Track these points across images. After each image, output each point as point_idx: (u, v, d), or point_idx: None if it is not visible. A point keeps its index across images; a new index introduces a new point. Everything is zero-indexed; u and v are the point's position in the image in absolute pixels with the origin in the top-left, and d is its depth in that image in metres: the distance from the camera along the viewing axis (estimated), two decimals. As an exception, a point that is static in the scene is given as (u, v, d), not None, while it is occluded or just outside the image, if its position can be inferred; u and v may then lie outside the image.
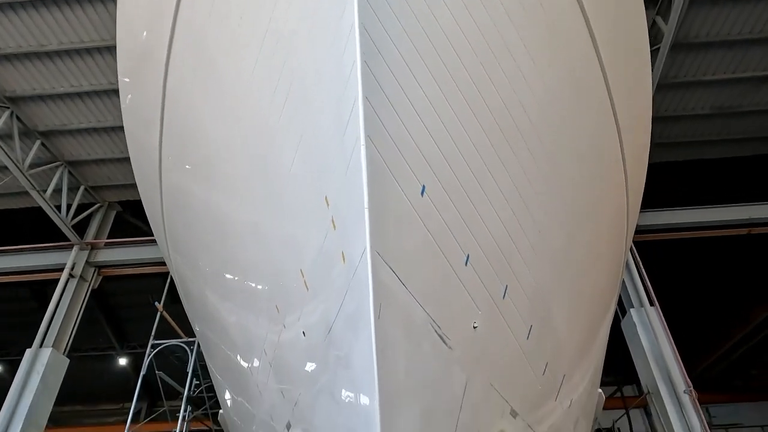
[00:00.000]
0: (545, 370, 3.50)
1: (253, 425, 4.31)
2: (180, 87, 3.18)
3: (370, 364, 1.68)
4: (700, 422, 7.25)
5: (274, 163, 2.47)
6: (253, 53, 2.36)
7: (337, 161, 1.89)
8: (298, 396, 2.81)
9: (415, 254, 1.99)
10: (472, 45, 2.09)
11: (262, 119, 2.49)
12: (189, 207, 3.81)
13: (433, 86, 1.94)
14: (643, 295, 8.45)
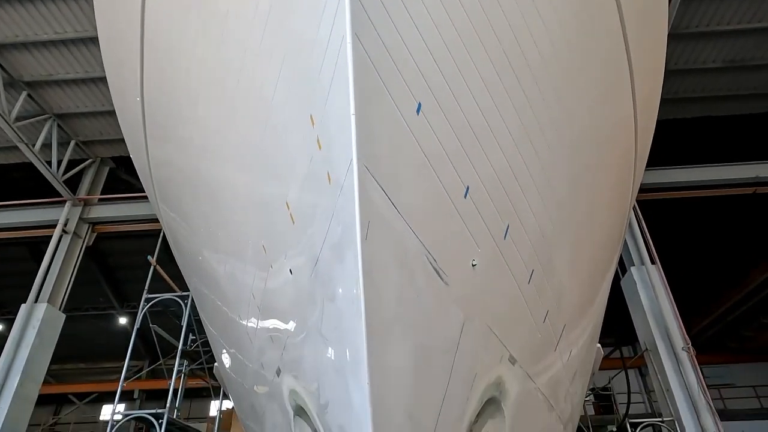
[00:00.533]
0: (546, 318, 3.37)
1: (245, 375, 4.22)
2: (157, 16, 2.95)
3: (356, 290, 1.51)
4: (697, 379, 7.25)
5: (258, 89, 2.26)
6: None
7: (323, 69, 1.67)
8: (287, 339, 2.68)
9: (408, 176, 1.79)
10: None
11: (244, 40, 2.26)
12: (172, 145, 3.62)
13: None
14: (644, 253, 8.32)
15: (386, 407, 1.65)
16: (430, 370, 1.99)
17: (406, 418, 1.80)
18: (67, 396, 22.77)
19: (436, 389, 2.03)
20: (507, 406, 3.03)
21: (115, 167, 11.49)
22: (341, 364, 1.79)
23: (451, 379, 2.15)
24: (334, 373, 1.91)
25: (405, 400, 1.77)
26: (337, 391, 1.96)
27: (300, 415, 3.04)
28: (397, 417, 1.73)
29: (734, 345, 19.08)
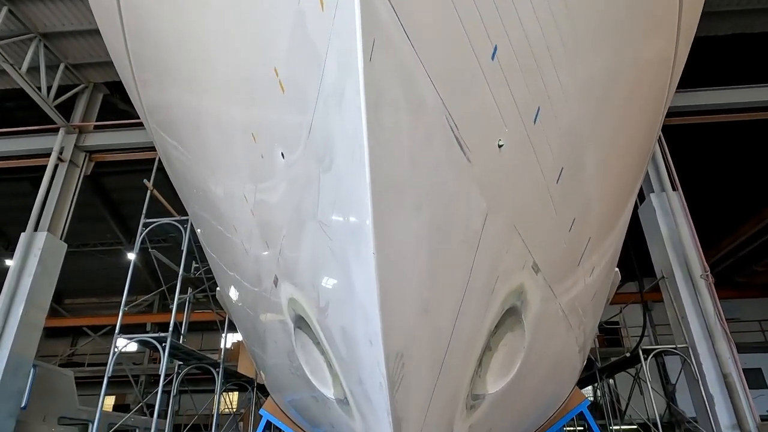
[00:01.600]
0: (572, 226, 3.05)
1: (244, 293, 4.00)
2: None
3: (357, 132, 1.15)
4: (714, 306, 7.03)
5: None
6: None
7: None
8: (282, 240, 2.37)
9: (425, 10, 1.38)
10: None
11: None
12: (154, 35, 3.18)
13: None
14: (665, 179, 7.90)
15: (396, 295, 1.34)
16: (449, 260, 1.66)
17: (421, 312, 1.49)
18: (81, 329, 23.38)
19: (455, 285, 1.71)
20: (527, 319, 2.78)
21: (109, 94, 10.97)
22: (341, 247, 1.46)
23: (471, 276, 1.83)
24: (334, 263, 1.59)
25: (418, 291, 1.46)
26: (337, 285, 1.65)
27: (300, 327, 2.80)
28: (409, 309, 1.42)
29: (743, 280, 18.98)
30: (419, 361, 1.55)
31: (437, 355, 1.67)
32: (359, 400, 1.94)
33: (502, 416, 3.41)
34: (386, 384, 1.45)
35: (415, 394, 1.59)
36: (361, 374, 1.69)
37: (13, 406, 8.04)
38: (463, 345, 1.91)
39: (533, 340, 2.94)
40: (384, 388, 1.47)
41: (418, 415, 1.64)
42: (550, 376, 4.23)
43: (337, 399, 2.73)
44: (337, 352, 2.04)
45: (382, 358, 1.41)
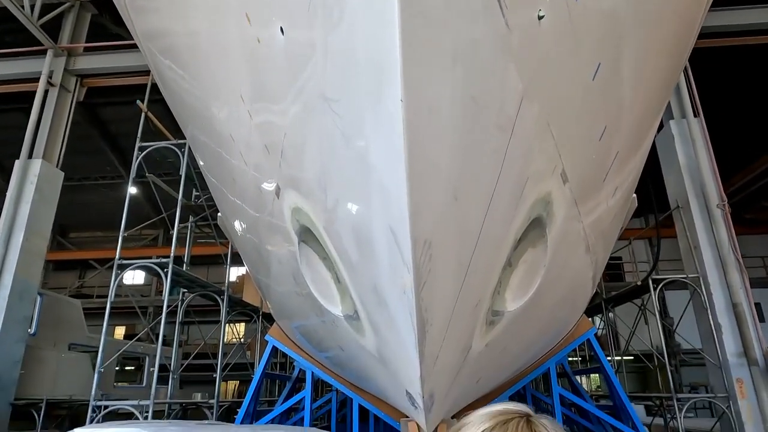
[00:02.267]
0: (602, 135, 2.81)
1: (245, 212, 3.79)
2: None
3: None
4: (729, 235, 6.85)
5: None
6: None
7: None
8: (284, 138, 2.10)
9: None
10: None
11: None
12: None
13: None
14: (687, 105, 7.48)
15: (426, 169, 1.09)
16: (482, 143, 1.41)
17: (451, 198, 1.25)
18: (88, 262, 23.66)
19: (487, 174, 1.47)
20: (550, 234, 2.59)
21: (98, 14, 10.31)
22: (354, 121, 1.20)
23: (503, 168, 1.58)
24: (345, 145, 1.34)
25: (449, 171, 1.21)
26: (349, 173, 1.41)
27: (305, 241, 2.60)
28: (439, 191, 1.18)
29: (750, 216, 18.82)
30: (447, 254, 1.33)
31: (466, 250, 1.46)
32: (372, 311, 1.76)
33: (517, 337, 3.30)
34: (412, 279, 1.23)
35: (443, 298, 1.38)
36: (377, 278, 1.48)
37: (21, 331, 8.13)
38: (491, 245, 1.69)
39: (553, 258, 2.77)
40: (408, 287, 1.25)
41: (444, 320, 1.44)
42: (564, 300, 4.11)
43: (345, 315, 2.58)
44: (347, 259, 1.83)
45: (408, 245, 1.18)
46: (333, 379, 6.24)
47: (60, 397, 9.01)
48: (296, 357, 6.38)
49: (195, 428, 3.78)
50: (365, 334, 2.21)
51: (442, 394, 1.83)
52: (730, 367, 6.52)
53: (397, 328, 1.47)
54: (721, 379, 6.69)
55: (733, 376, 6.45)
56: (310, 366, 6.26)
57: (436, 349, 1.49)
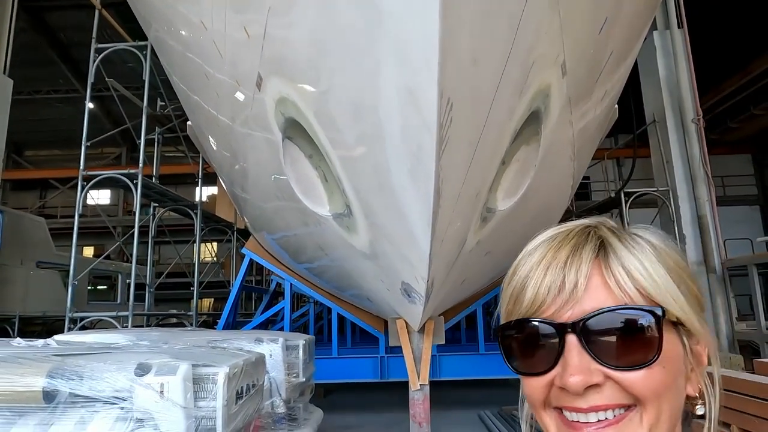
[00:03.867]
0: (602, 28, 2.69)
1: (219, 111, 3.56)
2: None
3: None
4: (701, 150, 6.98)
5: None
6: None
7: None
8: (266, 19, 1.89)
9: None
10: None
11: None
12: None
13: None
14: (672, 14, 7.28)
15: (454, 31, 0.96)
16: (499, 10, 1.26)
17: (472, 61, 1.13)
18: (48, 181, 22.78)
19: (502, 42, 1.34)
20: (544, 132, 2.53)
21: None
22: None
23: (515, 42, 1.46)
24: (360, 42, 1.17)
25: (472, 32, 1.08)
26: (351, 40, 1.26)
27: (290, 137, 2.46)
28: (463, 52, 1.06)
29: (714, 137, 19.21)
30: (466, 117, 1.24)
31: (480, 117, 1.36)
32: (371, 200, 1.68)
33: (501, 240, 3.33)
34: (435, 140, 1.14)
35: (457, 162, 1.30)
36: (383, 156, 1.38)
37: (-17, 248, 7.89)
38: (498, 122, 1.61)
39: (543, 159, 2.74)
40: (428, 151, 1.15)
41: (453, 197, 1.38)
42: (545, 206, 4.17)
43: (334, 215, 2.50)
44: (343, 145, 1.71)
45: (434, 103, 1.07)
46: (311, 290, 6.34)
47: (33, 313, 8.95)
48: (274, 269, 6.41)
49: (178, 333, 3.78)
50: (357, 231, 2.15)
51: (439, 284, 1.81)
52: (690, 275, 6.85)
53: (405, 207, 1.40)
54: (680, 286, 7.04)
55: (692, 283, 6.80)
56: (289, 278, 6.31)
57: (444, 228, 1.43)
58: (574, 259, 0.56)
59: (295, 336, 3.95)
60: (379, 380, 5.70)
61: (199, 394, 2.03)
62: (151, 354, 2.24)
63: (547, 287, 0.56)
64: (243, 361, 2.29)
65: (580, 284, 0.54)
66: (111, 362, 2.03)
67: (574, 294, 0.54)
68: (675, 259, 0.57)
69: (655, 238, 0.58)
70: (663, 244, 0.58)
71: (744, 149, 20.29)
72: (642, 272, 0.54)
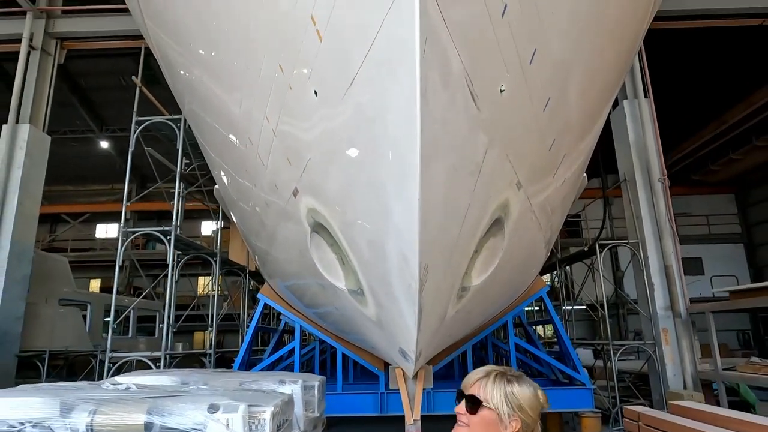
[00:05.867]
0: (552, 146, 3.47)
1: (254, 197, 4.36)
2: None
3: (411, 109, 1.52)
4: (666, 207, 7.83)
5: None
6: None
7: None
8: (308, 161, 2.73)
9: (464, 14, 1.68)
10: None
11: None
12: None
13: None
14: (639, 86, 8.27)
15: (429, 222, 1.79)
16: (460, 189, 2.10)
17: (441, 231, 1.96)
18: (60, 216, 23.56)
19: (463, 207, 2.17)
20: (507, 227, 3.29)
21: (73, -27, 10.20)
22: (382, 182, 1.87)
23: (473, 197, 2.29)
24: (371, 190, 2.01)
25: (442, 216, 1.91)
26: (372, 204, 2.08)
27: (317, 231, 3.25)
28: (435, 230, 1.89)
29: (697, 178, 20.21)
30: (438, 267, 2.05)
31: (447, 260, 2.17)
32: (379, 293, 2.48)
33: (480, 302, 4.10)
34: (416, 287, 1.96)
35: (432, 291, 2.11)
36: (389, 278, 2.18)
37: (21, 289, 8.61)
38: (462, 250, 2.42)
39: (510, 242, 3.49)
40: (413, 290, 1.97)
41: (432, 304, 2.17)
42: (519, 269, 4.93)
43: (349, 290, 3.28)
44: (360, 257, 2.53)
45: (416, 271, 1.89)
46: (319, 332, 7.08)
47: (58, 348, 9.63)
48: (286, 313, 7.16)
49: (214, 375, 4.52)
50: (368, 305, 2.94)
51: (426, 350, 2.59)
52: (658, 319, 7.69)
53: (401, 310, 2.19)
54: (651, 328, 7.87)
55: (660, 326, 7.63)
56: (299, 320, 7.06)
57: (427, 322, 2.22)
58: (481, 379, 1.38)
59: (310, 377, 4.70)
60: (380, 414, 6.39)
61: (252, 428, 2.79)
62: (215, 396, 3.00)
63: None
64: (281, 401, 3.06)
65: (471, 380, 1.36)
66: (189, 402, 2.79)
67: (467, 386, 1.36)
68: (516, 389, 1.37)
69: (516, 381, 1.39)
70: (517, 383, 1.39)
71: (726, 189, 21.26)
72: (489, 387, 1.35)
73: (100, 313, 12.04)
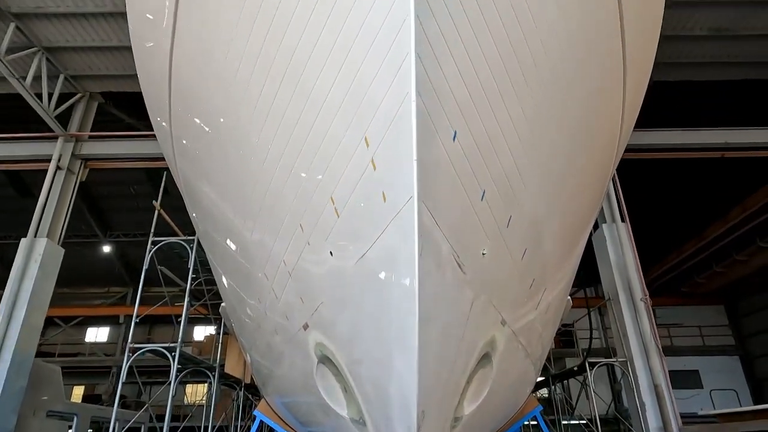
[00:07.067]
0: (532, 284, 3.91)
1: (263, 322, 4.71)
2: None
3: (411, 293, 1.99)
4: (651, 326, 8.18)
5: (306, 87, 2.47)
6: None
7: (383, 109, 2.04)
8: (320, 304, 3.16)
9: (445, 195, 2.23)
10: (506, 18, 2.17)
11: (297, 39, 2.41)
12: (202, 115, 3.71)
13: (474, 44, 2.06)
14: (616, 211, 9.02)
15: (424, 371, 2.19)
16: (449, 340, 2.53)
17: (436, 379, 2.35)
18: (52, 319, 23.35)
19: (452, 355, 2.58)
20: (495, 359, 3.62)
21: (104, 102, 11.37)
22: (386, 338, 2.29)
23: (461, 344, 2.71)
24: (377, 342, 2.42)
25: (434, 365, 2.31)
26: (376, 354, 2.48)
27: (324, 362, 3.58)
28: (431, 381, 2.28)
29: (686, 289, 20.66)
30: (432, 410, 2.40)
31: (441, 402, 2.53)
32: (379, 425, 2.79)
33: (474, 427, 4.31)
34: (415, 429, 2.30)
35: (428, 428, 2.43)
36: (389, 413, 2.52)
37: (16, 402, 8.55)
38: (453, 389, 2.79)
39: (498, 371, 3.81)
40: (412, 429, 2.31)
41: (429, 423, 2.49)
42: (510, 393, 5.17)
43: (351, 418, 3.55)
44: (364, 393, 2.88)
45: (414, 417, 2.25)
46: (314, 451, 7.03)
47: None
48: (281, 430, 7.16)
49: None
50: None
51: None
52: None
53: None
54: (647, 448, 7.85)
55: (655, 447, 7.63)
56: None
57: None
58: None
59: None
60: None
61: None
62: None
63: None
64: None
65: None
66: None
67: None
68: None
69: None
70: None
71: (716, 300, 21.60)
72: None
73: (86, 425, 11.69)
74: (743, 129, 10.14)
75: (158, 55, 3.74)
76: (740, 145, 10.11)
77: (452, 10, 1.91)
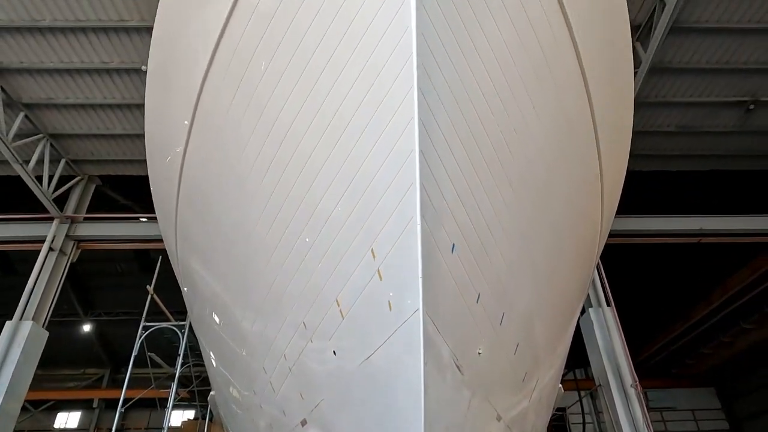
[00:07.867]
0: (525, 377, 4.03)
1: (257, 415, 4.68)
2: (216, 98, 2.99)
3: (417, 399, 2.13)
4: (642, 413, 8.13)
5: (315, 198, 2.72)
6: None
7: (390, 228, 2.28)
8: (320, 401, 3.23)
9: (446, 303, 2.42)
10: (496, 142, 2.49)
11: (308, 156, 2.68)
12: (209, 211, 3.85)
13: (471, 172, 2.35)
14: (601, 296, 9.23)
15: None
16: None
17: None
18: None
19: None
20: None
21: (101, 184, 11.65)
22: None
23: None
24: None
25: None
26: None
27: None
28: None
29: (677, 371, 20.48)
30: None
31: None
32: None
33: None
34: None
35: None
36: None
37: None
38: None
39: None
40: None
41: None
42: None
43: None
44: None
45: None
46: None
47: None
48: None
49: None
50: None
51: None
52: None
53: None
54: None
55: None
56: None
57: None
58: None
59: None
60: None
61: None
62: None
63: None
64: None
65: None
66: None
67: None
68: None
69: None
70: None
71: (707, 383, 21.34)
72: None
73: None
74: (717, 216, 10.68)
75: (171, 155, 3.97)
76: (715, 231, 10.61)
77: (452, 144, 2.21)
